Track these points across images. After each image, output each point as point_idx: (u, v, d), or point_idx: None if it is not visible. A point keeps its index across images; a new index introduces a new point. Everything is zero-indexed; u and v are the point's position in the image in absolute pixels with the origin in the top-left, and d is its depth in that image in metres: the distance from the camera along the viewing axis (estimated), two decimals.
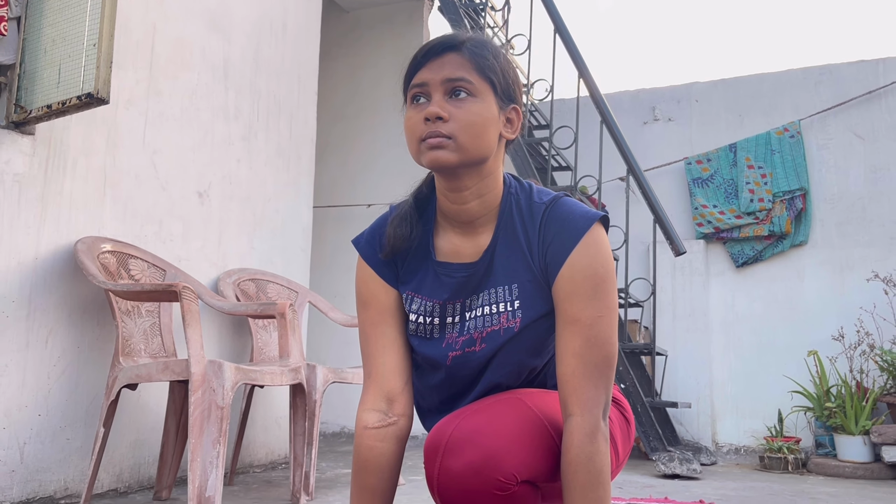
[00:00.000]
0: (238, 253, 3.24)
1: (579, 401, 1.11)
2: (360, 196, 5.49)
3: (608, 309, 1.14)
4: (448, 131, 1.13)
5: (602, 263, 1.14)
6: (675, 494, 2.87)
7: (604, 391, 1.12)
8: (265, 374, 2.36)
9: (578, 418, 1.10)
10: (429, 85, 1.16)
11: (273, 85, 3.54)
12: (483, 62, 1.17)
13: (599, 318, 1.13)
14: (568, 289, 1.14)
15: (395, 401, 1.23)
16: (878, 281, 4.14)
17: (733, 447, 4.42)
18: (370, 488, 1.20)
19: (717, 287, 4.64)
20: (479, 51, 1.18)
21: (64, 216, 2.45)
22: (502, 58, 1.21)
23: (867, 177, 4.42)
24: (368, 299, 1.27)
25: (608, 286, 1.14)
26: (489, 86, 1.17)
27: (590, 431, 1.09)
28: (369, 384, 1.24)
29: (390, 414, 1.22)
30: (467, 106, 1.14)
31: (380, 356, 1.24)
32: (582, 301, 1.13)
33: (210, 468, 2.07)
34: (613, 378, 1.15)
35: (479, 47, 1.18)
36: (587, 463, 1.07)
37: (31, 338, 2.32)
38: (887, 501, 2.87)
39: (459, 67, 1.15)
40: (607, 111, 4.05)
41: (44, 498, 2.32)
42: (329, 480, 3.08)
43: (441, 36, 1.21)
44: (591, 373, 1.11)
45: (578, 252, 1.15)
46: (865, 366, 4.09)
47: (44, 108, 2.23)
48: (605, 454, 1.09)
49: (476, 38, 1.20)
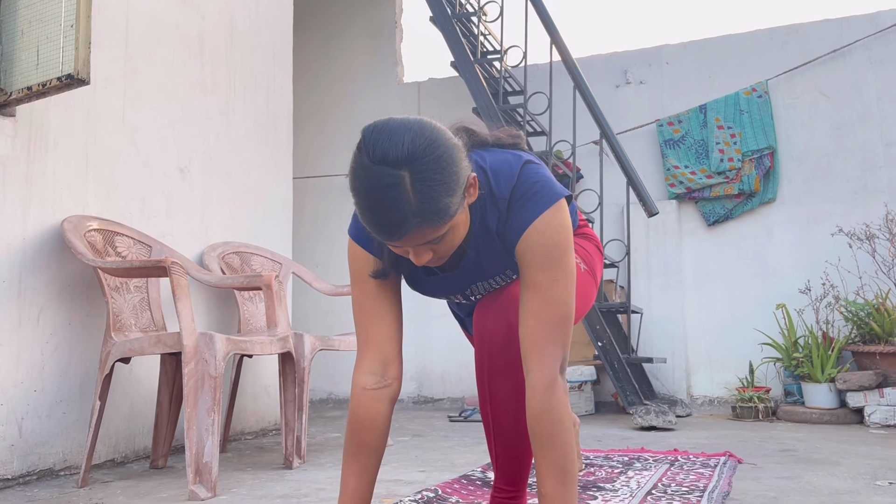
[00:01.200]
0: (221, 227, 3.29)
1: (538, 357, 1.23)
2: (337, 166, 5.53)
3: (563, 273, 1.25)
4: (437, 257, 1.22)
5: (551, 236, 1.25)
6: (651, 445, 3.01)
7: (560, 348, 1.24)
8: (255, 343, 2.44)
9: (538, 374, 1.22)
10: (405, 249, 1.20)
11: (248, 58, 3.56)
12: (442, 217, 1.13)
13: (554, 281, 1.24)
14: (523, 259, 1.27)
15: (389, 365, 1.34)
16: (843, 235, 4.29)
17: (707, 399, 4.60)
18: (365, 445, 1.30)
19: (690, 246, 4.77)
20: (434, 211, 1.11)
21: (49, 196, 2.49)
22: (449, 176, 1.13)
23: (832, 134, 4.54)
24: (363, 276, 1.36)
25: (559, 253, 1.25)
26: (454, 217, 1.16)
27: (548, 384, 1.21)
28: (366, 350, 1.34)
29: (385, 377, 1.33)
30: (445, 241, 1.19)
31: (375, 325, 1.33)
32: (537, 267, 1.25)
33: (206, 435, 2.15)
34: (570, 336, 1.27)
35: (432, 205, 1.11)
36: (549, 413, 1.20)
37: (22, 316, 2.37)
38: (851, 443, 3.04)
39: (425, 235, 1.14)
40: (580, 76, 4.11)
41: (43, 470, 2.40)
42: (319, 444, 3.19)
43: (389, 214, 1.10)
44: (547, 332, 1.24)
45: (533, 228, 1.25)
46: (831, 317, 4.26)
47: (24, 90, 2.25)
48: (564, 404, 1.22)
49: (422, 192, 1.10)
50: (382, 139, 1.11)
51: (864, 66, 4.50)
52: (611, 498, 1.97)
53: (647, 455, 2.70)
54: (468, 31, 4.78)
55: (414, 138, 1.11)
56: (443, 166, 1.12)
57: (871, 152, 4.44)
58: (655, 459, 2.60)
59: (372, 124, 1.15)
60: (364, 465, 1.31)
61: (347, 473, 1.31)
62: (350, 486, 1.30)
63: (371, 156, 1.10)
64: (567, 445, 1.21)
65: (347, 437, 1.32)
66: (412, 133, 1.12)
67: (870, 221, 4.27)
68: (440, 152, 1.12)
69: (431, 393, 5.12)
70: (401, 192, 1.09)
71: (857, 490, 2.08)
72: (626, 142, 4.60)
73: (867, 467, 2.46)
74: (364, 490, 1.31)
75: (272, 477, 2.41)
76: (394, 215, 1.10)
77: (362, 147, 1.13)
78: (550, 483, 1.21)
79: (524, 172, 1.28)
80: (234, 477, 2.41)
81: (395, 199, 1.09)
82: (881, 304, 3.95)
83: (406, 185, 1.09)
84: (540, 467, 1.22)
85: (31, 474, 2.35)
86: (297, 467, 2.59)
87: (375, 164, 1.10)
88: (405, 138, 1.11)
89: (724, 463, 2.49)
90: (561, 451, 1.21)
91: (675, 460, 2.58)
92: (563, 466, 1.21)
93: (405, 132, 1.11)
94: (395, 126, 1.13)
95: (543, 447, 1.21)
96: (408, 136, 1.11)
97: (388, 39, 5.64)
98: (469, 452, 2.87)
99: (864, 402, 3.74)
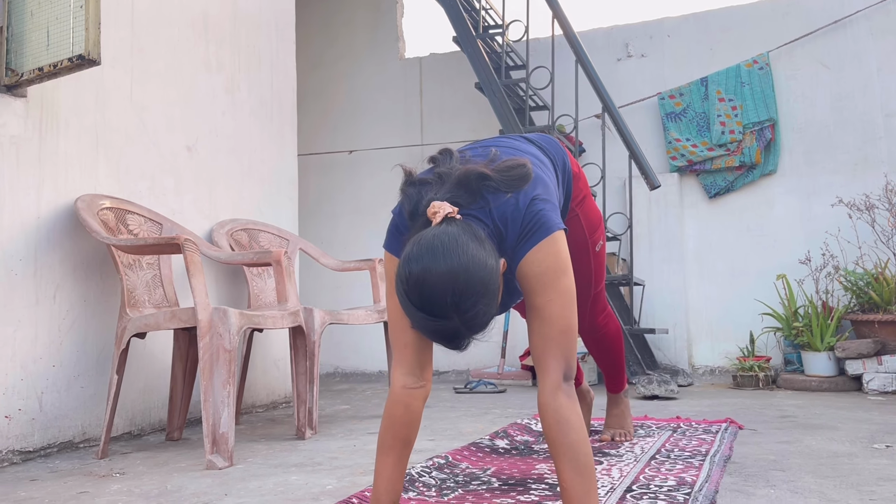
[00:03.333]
0: (228, 204, 3.34)
1: (544, 369, 1.39)
2: (341, 143, 5.56)
3: (556, 294, 1.40)
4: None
5: (543, 262, 1.39)
6: (654, 413, 3.08)
7: (562, 360, 1.38)
8: (267, 318, 2.50)
9: (544, 383, 1.38)
10: None
11: (252, 36, 3.58)
12: (488, 325, 1.30)
13: (549, 302, 1.39)
14: (524, 284, 1.42)
15: (424, 368, 1.48)
16: (843, 206, 4.33)
17: (708, 368, 4.67)
18: (401, 438, 1.44)
19: (691, 218, 4.82)
20: (481, 328, 1.29)
21: (61, 175, 2.53)
22: (490, 300, 1.28)
23: (833, 105, 4.56)
24: None
25: (552, 278, 1.40)
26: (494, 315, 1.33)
27: (552, 391, 1.36)
28: (405, 353, 1.47)
29: (421, 379, 1.47)
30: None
31: (412, 334, 1.44)
32: (534, 292, 1.40)
33: (222, 407, 2.21)
34: (573, 345, 1.40)
35: (479, 327, 1.29)
36: (555, 414, 1.34)
37: (39, 294, 2.42)
38: (849, 410, 3.11)
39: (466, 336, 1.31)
40: (581, 50, 4.12)
41: (63, 443, 2.47)
42: (329, 416, 3.26)
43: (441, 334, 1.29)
44: (550, 347, 1.38)
45: (527, 259, 1.40)
46: (831, 286, 4.31)
47: (35, 71, 2.29)
48: (568, 406, 1.35)
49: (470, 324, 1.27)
50: (425, 292, 1.24)
51: (865, 37, 4.51)
52: (616, 462, 2.03)
53: (650, 422, 2.77)
54: (469, 5, 4.78)
55: (454, 290, 1.22)
56: (483, 299, 1.25)
57: (871, 123, 4.47)
58: (658, 426, 2.67)
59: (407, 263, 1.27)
60: (398, 455, 1.43)
61: (383, 464, 1.43)
62: (385, 474, 1.42)
63: (418, 306, 1.25)
64: (577, 440, 1.32)
65: (384, 430, 1.44)
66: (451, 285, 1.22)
67: (869, 192, 4.31)
68: (478, 289, 1.24)
69: (437, 366, 5.19)
70: (453, 327, 1.26)
71: (855, 453, 2.15)
72: (627, 115, 4.62)
73: (865, 432, 2.52)
74: (396, 478, 1.43)
75: (285, 447, 2.48)
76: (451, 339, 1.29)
77: (405, 291, 1.26)
78: (569, 476, 1.31)
79: (528, 213, 1.41)
80: (248, 447, 2.48)
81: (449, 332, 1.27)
82: (880, 274, 4.00)
83: (455, 323, 1.25)
84: (557, 463, 1.33)
85: (51, 447, 2.42)
86: (310, 438, 2.66)
87: (424, 313, 1.25)
88: (447, 298, 1.22)
89: (725, 429, 2.56)
90: (572, 446, 1.32)
91: (678, 427, 2.65)
92: (577, 458, 1.32)
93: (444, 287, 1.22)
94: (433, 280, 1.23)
95: (556, 444, 1.33)
96: (447, 291, 1.22)
97: (388, 15, 5.63)
98: (476, 422, 2.94)
99: (862, 369, 3.80)
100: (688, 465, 1.96)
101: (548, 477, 1.89)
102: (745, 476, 1.86)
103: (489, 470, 1.99)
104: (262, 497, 1.78)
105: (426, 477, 1.86)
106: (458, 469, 1.99)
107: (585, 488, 1.31)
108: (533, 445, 2.38)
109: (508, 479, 1.88)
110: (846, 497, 1.64)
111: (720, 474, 1.86)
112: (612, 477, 1.85)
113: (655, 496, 1.64)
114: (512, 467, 2.02)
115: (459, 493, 1.74)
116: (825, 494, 1.66)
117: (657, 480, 1.80)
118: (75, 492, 1.89)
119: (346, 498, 1.66)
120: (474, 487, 1.79)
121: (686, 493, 1.65)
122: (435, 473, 1.91)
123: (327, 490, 1.83)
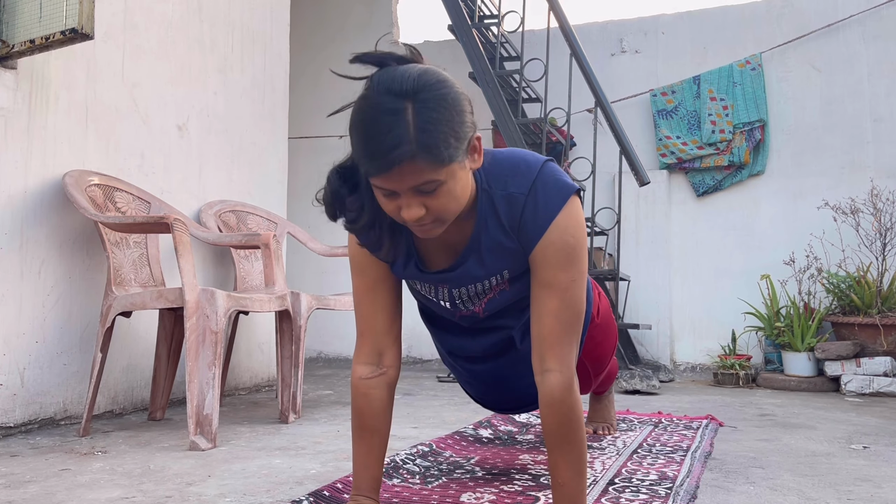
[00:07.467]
0: (217, 185, 3.31)
1: (557, 357, 1.24)
2: (332, 127, 5.52)
3: (580, 273, 1.26)
4: (430, 219, 1.16)
5: (573, 234, 1.25)
6: (635, 408, 3.11)
7: (576, 346, 1.27)
8: (255, 301, 2.49)
9: (557, 374, 1.24)
10: (395, 190, 1.12)
11: (246, 16, 3.55)
12: (440, 153, 1.08)
13: (573, 282, 1.25)
14: (544, 257, 1.25)
15: (384, 354, 1.40)
16: (828, 209, 4.38)
17: (690, 365, 4.72)
18: (368, 428, 1.38)
19: (679, 215, 4.84)
20: (432, 143, 1.07)
21: (50, 150, 2.50)
22: (453, 115, 1.10)
23: (822, 108, 4.60)
24: (362, 269, 1.40)
25: (579, 253, 1.26)
26: (453, 163, 1.11)
27: (568, 385, 1.24)
28: (363, 341, 1.40)
29: (381, 366, 1.39)
30: (441, 194, 1.13)
31: (372, 317, 1.39)
32: (557, 268, 1.24)
33: (207, 388, 2.21)
34: (581, 332, 1.31)
35: (431, 137, 1.06)
36: (569, 413, 1.24)
37: (24, 268, 2.40)
38: (827, 410, 3.16)
39: (421, 173, 1.09)
40: (576, 43, 4.12)
41: (45, 419, 2.45)
42: (312, 401, 3.26)
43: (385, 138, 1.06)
44: (566, 331, 1.25)
45: (554, 227, 1.24)
46: (813, 288, 4.36)
47: (27, 43, 2.25)
48: (579, 401, 1.27)
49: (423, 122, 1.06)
50: (391, 72, 1.10)
51: (857, 42, 4.54)
52: (598, 455, 2.05)
53: (631, 417, 2.80)
54: None
55: (422, 74, 1.09)
56: (448, 105, 1.09)
57: (860, 128, 4.51)
58: (640, 421, 2.69)
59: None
60: (370, 444, 1.38)
61: (356, 452, 1.39)
62: (359, 462, 1.38)
63: (376, 87, 1.09)
64: (583, 441, 1.26)
65: (352, 420, 1.40)
66: (422, 70, 1.11)
67: (855, 196, 4.35)
68: (446, 92, 1.09)
69: (420, 353, 5.20)
70: (400, 118, 1.06)
71: (833, 453, 2.18)
72: (619, 111, 4.63)
73: (842, 432, 2.56)
74: (373, 466, 1.38)
75: (269, 430, 2.48)
76: (389, 139, 1.05)
77: (369, 84, 1.11)
78: (568, 475, 1.25)
79: (545, 169, 1.28)
80: (231, 430, 2.48)
81: (392, 123, 1.05)
82: (862, 277, 4.05)
83: (408, 113, 1.06)
84: (557, 460, 1.26)
85: (32, 423, 2.41)
86: (293, 422, 2.65)
87: (380, 94, 1.08)
88: (414, 73, 1.09)
89: (706, 425, 2.59)
90: (578, 448, 1.25)
91: (659, 422, 2.67)
92: (580, 460, 1.26)
93: (416, 69, 1.11)
94: (407, 66, 1.13)
95: (562, 443, 1.25)
96: (416, 72, 1.10)
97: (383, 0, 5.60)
98: (459, 411, 2.96)
99: (841, 370, 3.85)
100: (669, 460, 1.98)
101: (531, 468, 1.90)
102: (725, 472, 1.89)
103: (473, 459, 2.00)
104: (245, 479, 1.78)
105: (410, 464, 1.87)
106: (442, 457, 2.00)
107: (580, 489, 1.27)
108: (516, 436, 2.39)
109: (492, 468, 1.89)
110: (824, 496, 1.66)
111: (701, 470, 1.88)
112: (594, 469, 1.87)
113: (638, 490, 1.66)
114: (495, 457, 2.04)
115: (443, 481, 1.74)
116: (803, 493, 1.69)
117: (639, 474, 1.82)
118: (57, 469, 1.88)
119: (331, 483, 1.67)
120: (458, 476, 1.80)
121: (668, 488, 1.67)
122: (419, 461, 1.92)
123: (311, 474, 1.83)
